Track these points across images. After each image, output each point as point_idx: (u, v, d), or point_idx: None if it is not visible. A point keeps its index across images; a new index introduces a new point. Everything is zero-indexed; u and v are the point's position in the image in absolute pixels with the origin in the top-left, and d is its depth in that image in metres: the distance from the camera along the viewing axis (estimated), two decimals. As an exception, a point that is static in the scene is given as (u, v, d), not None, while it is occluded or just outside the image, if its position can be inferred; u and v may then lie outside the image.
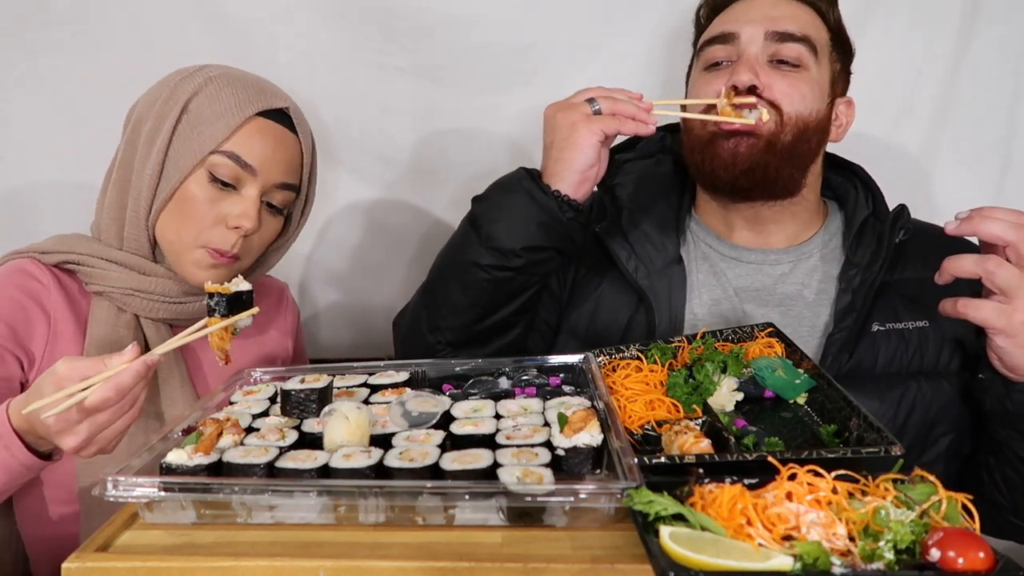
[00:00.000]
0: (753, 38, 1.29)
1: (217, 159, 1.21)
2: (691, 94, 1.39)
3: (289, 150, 1.28)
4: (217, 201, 1.23)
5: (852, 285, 1.29)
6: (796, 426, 1.02)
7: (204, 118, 1.22)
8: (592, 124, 1.20)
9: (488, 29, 1.81)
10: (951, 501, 0.73)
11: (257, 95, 1.25)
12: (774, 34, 1.28)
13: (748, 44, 1.29)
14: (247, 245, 1.27)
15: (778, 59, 1.28)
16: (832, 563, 0.67)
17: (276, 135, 1.26)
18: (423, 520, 0.82)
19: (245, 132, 1.23)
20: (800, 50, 1.28)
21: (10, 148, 1.84)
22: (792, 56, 1.28)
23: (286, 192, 1.29)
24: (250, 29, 1.79)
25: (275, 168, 1.25)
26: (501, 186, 1.34)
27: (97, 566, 0.78)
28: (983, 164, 1.84)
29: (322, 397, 1.00)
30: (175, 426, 1.00)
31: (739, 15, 1.33)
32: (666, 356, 1.16)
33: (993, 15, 1.77)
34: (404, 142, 1.89)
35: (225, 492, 0.82)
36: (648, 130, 1.21)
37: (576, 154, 1.22)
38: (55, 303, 1.23)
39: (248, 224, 1.22)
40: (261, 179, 1.24)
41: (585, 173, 1.23)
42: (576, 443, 0.86)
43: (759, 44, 1.28)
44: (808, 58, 1.29)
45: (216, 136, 1.21)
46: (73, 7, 1.77)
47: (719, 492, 0.74)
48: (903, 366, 1.26)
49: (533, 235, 1.23)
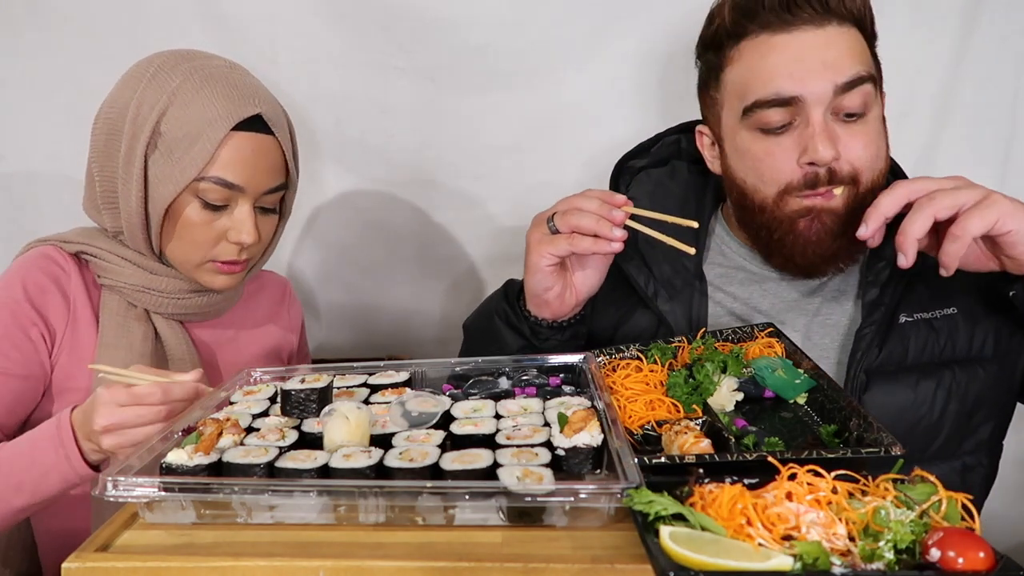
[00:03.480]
0: (819, 98, 1.11)
1: (204, 185, 1.23)
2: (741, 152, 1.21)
3: (271, 154, 1.28)
4: (212, 221, 1.26)
5: (880, 279, 1.24)
6: (796, 426, 1.02)
7: (178, 143, 1.21)
8: (542, 246, 1.14)
9: (488, 29, 1.81)
10: (951, 501, 0.73)
11: (227, 106, 1.21)
12: (840, 87, 1.11)
13: (814, 106, 1.12)
14: (255, 247, 1.32)
15: (845, 112, 1.13)
16: (832, 563, 0.67)
17: (255, 146, 1.25)
18: (423, 520, 0.82)
19: (225, 152, 1.22)
20: (866, 92, 1.13)
21: (10, 148, 1.85)
22: (858, 105, 1.13)
23: (276, 193, 1.32)
24: (250, 29, 1.79)
25: (261, 178, 1.27)
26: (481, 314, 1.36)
27: (97, 566, 0.78)
28: (983, 164, 1.84)
29: (322, 397, 1.00)
30: (175, 426, 1.00)
31: (792, 63, 1.12)
32: (666, 356, 1.16)
33: (993, 15, 1.77)
34: (404, 142, 1.89)
35: (225, 492, 0.82)
36: (611, 248, 1.10)
37: (530, 276, 1.19)
38: (75, 289, 1.29)
39: (248, 239, 1.27)
40: (250, 192, 1.27)
41: (542, 296, 1.20)
42: (576, 443, 0.86)
43: (826, 103, 1.12)
44: (872, 96, 1.14)
45: (196, 162, 1.21)
46: (73, 7, 1.78)
47: (719, 492, 0.74)
48: (935, 355, 1.22)
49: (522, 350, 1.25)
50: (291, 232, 1.94)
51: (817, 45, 1.12)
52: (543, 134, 1.89)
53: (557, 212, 1.15)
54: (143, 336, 1.30)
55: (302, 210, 1.93)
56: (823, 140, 1.11)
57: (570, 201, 1.15)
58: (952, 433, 1.20)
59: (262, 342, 1.49)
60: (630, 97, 1.83)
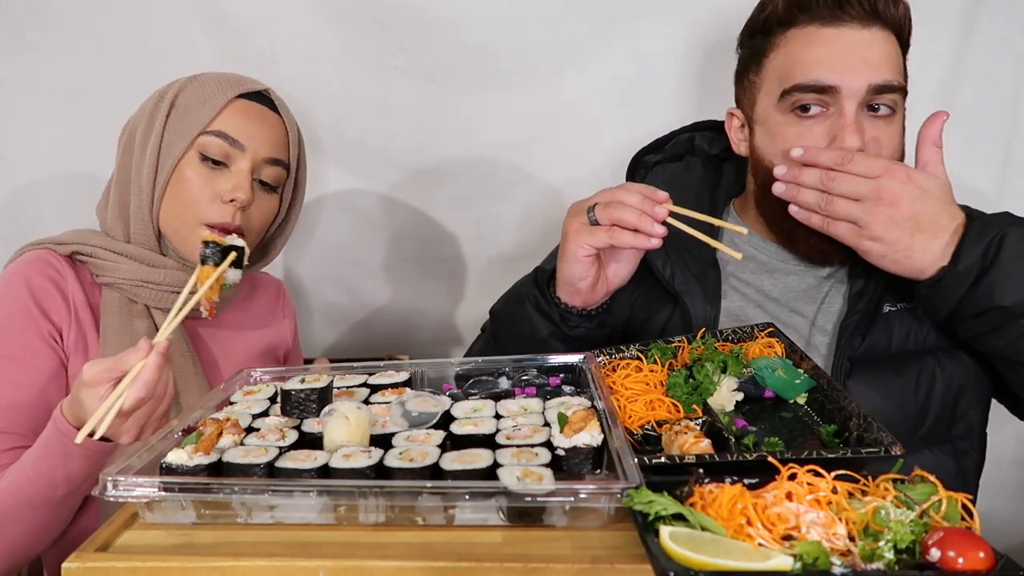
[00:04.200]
0: (855, 92, 1.17)
1: (206, 139, 1.29)
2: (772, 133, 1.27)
3: (274, 128, 1.35)
4: (211, 180, 1.29)
5: (866, 270, 1.25)
6: (796, 426, 1.02)
7: (191, 107, 1.31)
8: (581, 237, 1.16)
9: (488, 29, 1.81)
10: (951, 501, 0.73)
11: (237, 81, 1.34)
12: (875, 88, 1.18)
13: (848, 99, 1.18)
14: (247, 220, 1.32)
15: (874, 108, 1.21)
16: (832, 563, 0.67)
17: (259, 113, 1.34)
18: (423, 520, 0.82)
19: (229, 112, 1.31)
20: (895, 99, 1.21)
21: (10, 148, 1.85)
22: (889, 105, 1.21)
23: (276, 168, 1.35)
24: (250, 29, 1.79)
25: (262, 143, 1.32)
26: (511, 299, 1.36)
27: (97, 566, 0.78)
28: (983, 164, 1.84)
29: (322, 397, 1.00)
30: (175, 426, 1.00)
31: (836, 57, 1.18)
32: (666, 356, 1.16)
33: (993, 15, 1.77)
34: (404, 142, 1.90)
35: (225, 492, 0.82)
36: (651, 244, 1.12)
37: (565, 265, 1.21)
38: (73, 290, 1.30)
39: (242, 195, 1.28)
40: (250, 154, 1.30)
41: (575, 285, 1.21)
42: (576, 443, 0.86)
43: (860, 98, 1.18)
44: (900, 102, 1.22)
45: (203, 119, 1.29)
46: (74, 8, 1.78)
47: (719, 492, 0.74)
48: (918, 343, 1.24)
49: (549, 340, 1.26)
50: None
51: (861, 43, 1.18)
52: (543, 134, 1.89)
53: (599, 203, 1.16)
54: (145, 334, 1.27)
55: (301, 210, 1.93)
56: (852, 130, 1.17)
57: (612, 193, 1.15)
58: (940, 417, 1.22)
59: (259, 342, 1.51)
60: (630, 97, 1.83)
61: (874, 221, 1.10)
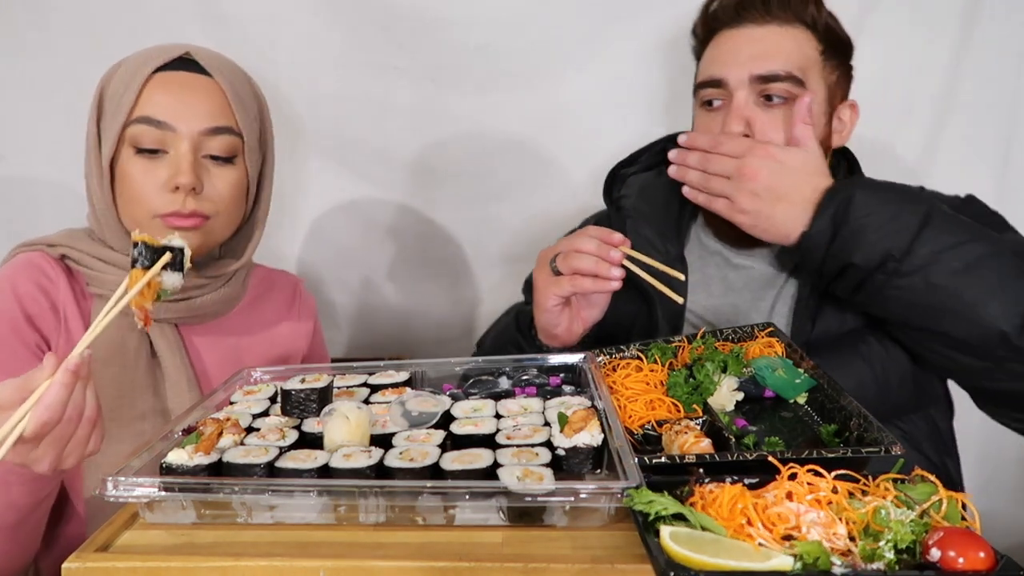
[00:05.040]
0: (740, 83, 1.28)
1: (133, 129, 1.18)
2: (694, 127, 1.39)
3: (206, 94, 1.21)
4: (151, 170, 1.18)
5: None
6: (796, 426, 1.02)
7: (115, 96, 1.20)
8: (548, 288, 1.24)
9: (488, 29, 1.81)
10: (951, 501, 0.73)
11: (155, 53, 1.21)
12: (759, 77, 1.27)
13: (736, 89, 1.28)
14: (206, 203, 1.21)
15: (766, 95, 1.28)
16: (832, 563, 0.67)
17: (184, 83, 1.20)
18: (423, 520, 0.82)
19: (148, 92, 1.18)
20: (787, 88, 1.27)
21: (10, 148, 1.85)
22: (780, 93, 1.27)
23: (223, 137, 1.21)
24: (250, 29, 1.79)
25: (193, 115, 1.19)
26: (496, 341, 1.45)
27: (97, 566, 0.78)
28: (983, 164, 1.84)
29: (322, 397, 1.00)
30: (175, 426, 1.00)
31: (727, 54, 1.31)
32: (666, 356, 1.16)
33: (993, 15, 1.77)
34: (404, 142, 1.89)
35: (225, 492, 0.82)
36: (610, 287, 1.19)
37: (538, 314, 1.29)
38: (64, 298, 1.22)
39: (183, 179, 1.16)
40: (184, 131, 1.18)
41: (551, 331, 1.29)
42: (576, 443, 0.86)
43: (746, 88, 1.28)
44: (796, 90, 1.27)
45: (124, 108, 1.18)
46: (73, 7, 1.78)
47: (719, 492, 0.74)
48: (870, 319, 1.26)
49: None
50: (290, 232, 1.93)
51: (752, 40, 1.30)
52: (543, 134, 1.89)
53: (559, 254, 1.23)
54: (137, 347, 1.22)
55: (302, 210, 1.93)
56: (734, 117, 1.28)
57: (571, 242, 1.23)
58: (901, 389, 1.23)
59: (267, 350, 1.40)
60: (630, 97, 1.83)
61: (739, 195, 1.20)
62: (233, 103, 1.22)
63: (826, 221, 1.15)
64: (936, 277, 1.09)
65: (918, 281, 1.10)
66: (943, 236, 1.10)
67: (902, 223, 1.11)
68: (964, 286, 1.08)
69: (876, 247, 1.11)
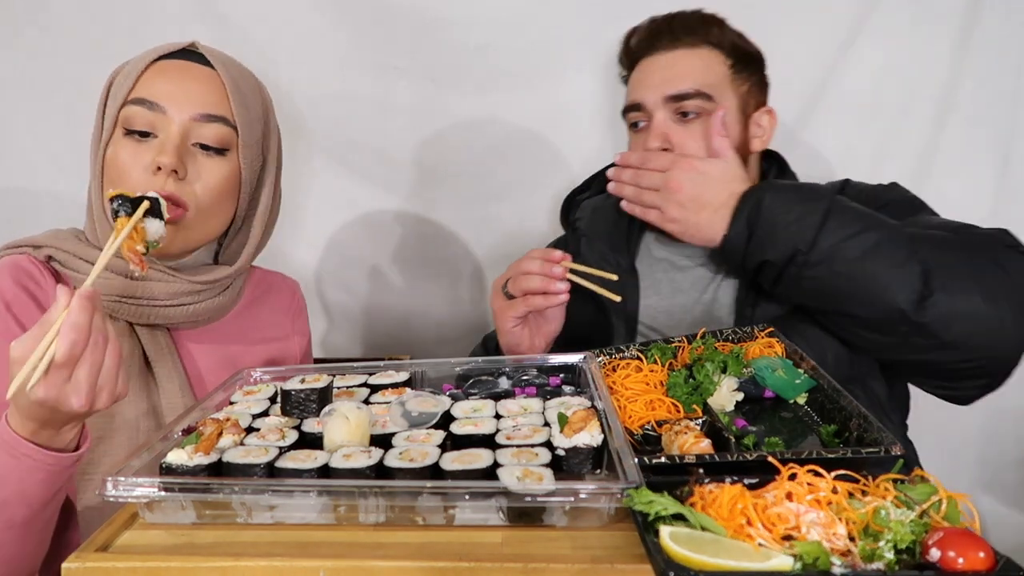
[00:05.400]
0: (656, 104, 1.41)
1: (127, 111, 1.17)
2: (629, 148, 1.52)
3: (203, 82, 1.20)
4: (138, 152, 1.17)
5: None
6: (796, 426, 1.02)
7: (117, 87, 1.20)
8: (504, 312, 1.34)
9: (487, 29, 1.81)
10: (951, 501, 0.73)
11: (163, 45, 1.21)
12: (671, 97, 1.39)
13: (654, 110, 1.41)
14: (188, 191, 1.18)
15: (682, 112, 1.40)
16: (832, 563, 0.67)
17: (181, 69, 1.20)
18: (423, 520, 0.82)
19: (146, 76, 1.18)
20: (698, 104, 1.39)
21: (10, 148, 1.85)
22: (693, 109, 1.39)
23: (214, 126, 1.19)
24: (250, 30, 1.79)
25: (187, 100, 1.17)
26: None
27: (97, 566, 0.78)
28: (983, 164, 1.84)
29: (322, 397, 1.00)
30: (175, 426, 1.00)
31: (643, 80, 1.44)
32: (666, 356, 1.16)
33: (993, 15, 1.77)
34: (404, 142, 1.90)
35: (225, 492, 0.82)
36: (558, 300, 1.29)
37: (501, 337, 1.40)
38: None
39: (165, 159, 1.14)
40: (175, 115, 1.17)
41: (515, 351, 1.38)
42: (576, 443, 0.86)
43: (662, 108, 1.40)
44: (708, 105, 1.39)
45: (123, 93, 1.18)
46: (74, 8, 1.78)
47: (719, 492, 0.74)
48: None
49: None
50: (290, 232, 1.93)
51: (663, 65, 1.43)
52: (543, 134, 1.89)
53: (509, 279, 1.33)
54: (129, 354, 1.18)
55: (301, 209, 1.93)
56: (654, 135, 1.41)
57: (517, 267, 1.33)
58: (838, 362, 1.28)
59: (261, 354, 1.37)
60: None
61: (668, 205, 1.31)
62: (232, 96, 1.21)
63: (742, 224, 1.25)
64: (839, 266, 1.19)
65: (824, 271, 1.20)
66: (842, 228, 1.20)
67: (806, 220, 1.21)
68: (863, 272, 1.18)
69: (786, 244, 1.21)
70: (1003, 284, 1.16)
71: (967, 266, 1.16)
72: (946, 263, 1.16)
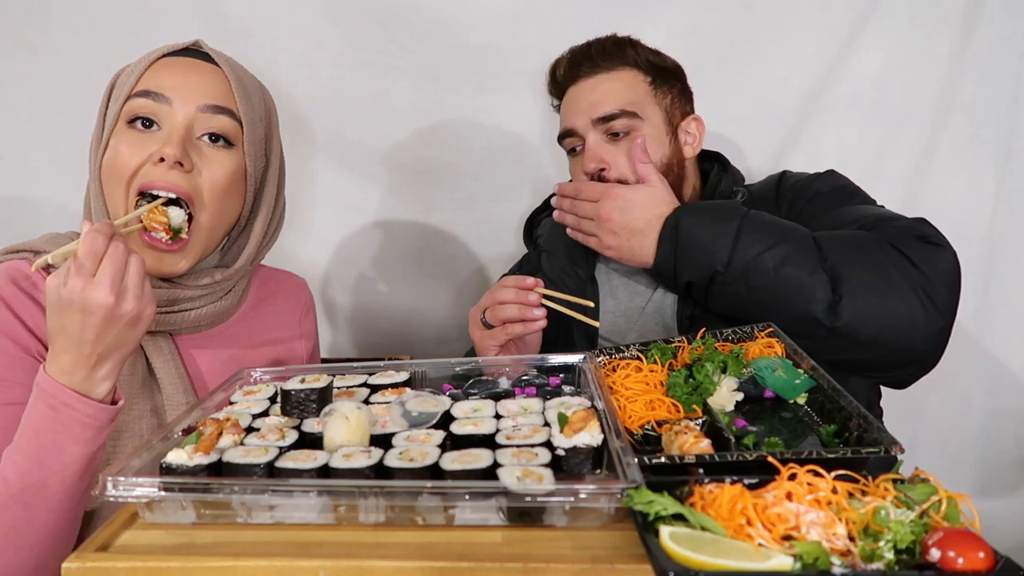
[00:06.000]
0: (586, 128, 1.48)
1: (130, 104, 1.17)
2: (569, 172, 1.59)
3: (209, 76, 1.20)
4: (141, 143, 1.16)
5: None
6: (796, 426, 1.02)
7: (120, 85, 1.21)
8: (485, 342, 1.37)
9: (488, 29, 1.81)
10: (951, 501, 0.73)
11: (166, 45, 1.22)
12: (599, 120, 1.46)
13: (585, 134, 1.48)
14: (194, 184, 1.17)
15: (612, 132, 1.46)
16: (832, 563, 0.67)
17: (186, 64, 1.21)
18: (423, 520, 0.82)
19: (151, 72, 1.19)
20: (625, 122, 1.46)
21: (10, 148, 1.85)
22: (622, 128, 1.46)
23: (221, 117, 1.19)
24: (250, 30, 1.79)
25: (192, 92, 1.18)
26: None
27: (97, 566, 0.78)
28: (983, 164, 1.84)
29: (322, 397, 1.00)
30: (175, 426, 1.00)
31: (572, 107, 1.52)
32: (666, 356, 1.16)
33: (993, 15, 1.77)
34: (404, 142, 1.90)
35: (225, 492, 0.82)
36: (536, 327, 1.32)
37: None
38: None
39: (170, 150, 1.13)
40: (180, 106, 1.16)
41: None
42: (576, 443, 0.86)
43: (592, 131, 1.47)
44: (634, 122, 1.46)
45: (126, 89, 1.18)
46: (74, 8, 1.78)
47: (719, 492, 0.74)
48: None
49: None
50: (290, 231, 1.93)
51: (586, 90, 1.50)
52: (543, 134, 1.90)
53: (487, 309, 1.36)
54: (132, 362, 1.19)
55: (301, 210, 1.93)
56: (589, 157, 1.48)
57: (492, 297, 1.36)
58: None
59: (267, 356, 1.36)
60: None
61: (602, 234, 1.38)
62: (236, 91, 1.21)
63: (667, 248, 1.32)
64: (754, 280, 1.26)
65: (742, 286, 1.27)
66: (754, 244, 1.26)
67: (721, 240, 1.27)
68: (776, 284, 1.24)
69: (705, 264, 1.29)
70: (910, 277, 1.21)
71: (874, 266, 1.22)
72: (853, 266, 1.22)
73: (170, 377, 1.21)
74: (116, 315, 0.97)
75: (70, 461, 0.99)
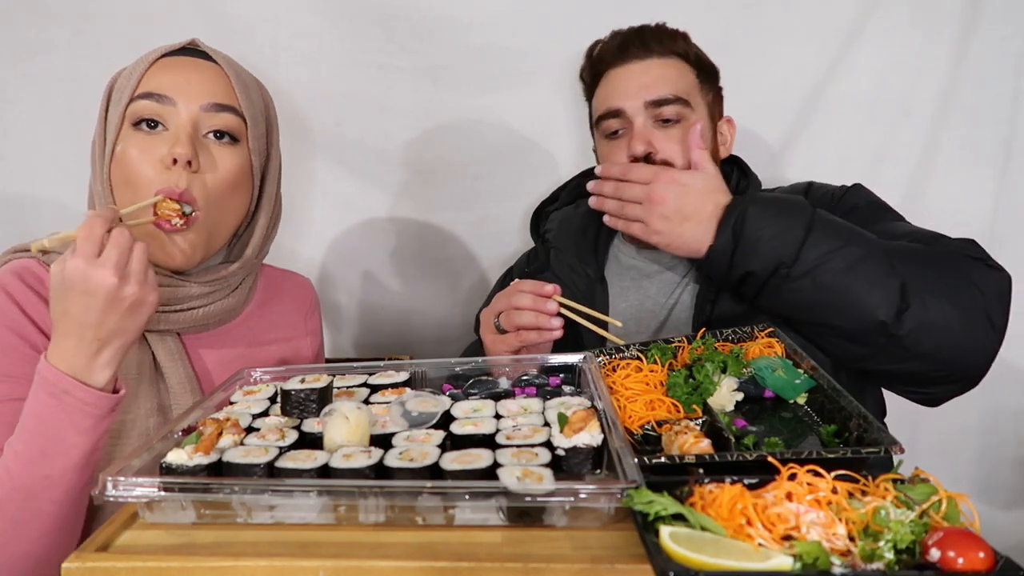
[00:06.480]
0: (636, 110, 1.43)
1: (134, 106, 1.18)
2: (600, 156, 1.53)
3: (209, 74, 1.21)
4: (149, 145, 1.17)
5: None
6: (796, 426, 1.02)
7: (120, 87, 1.21)
8: (498, 346, 1.35)
9: (488, 29, 1.81)
10: (951, 501, 0.73)
11: (163, 46, 1.23)
12: (652, 103, 1.42)
13: (634, 116, 1.43)
14: (202, 184, 1.18)
15: (662, 119, 1.43)
16: (832, 563, 0.67)
17: (186, 63, 1.21)
18: (423, 520, 0.82)
19: (151, 73, 1.20)
20: (677, 109, 1.43)
21: (10, 148, 1.85)
22: (672, 115, 1.43)
23: (225, 115, 1.20)
24: (250, 30, 1.79)
25: (195, 91, 1.19)
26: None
27: (97, 566, 0.78)
28: (983, 164, 1.84)
29: (322, 397, 1.00)
30: (175, 426, 1.00)
31: (619, 87, 1.47)
32: (666, 356, 1.16)
33: (993, 15, 1.77)
34: (404, 142, 1.90)
35: (225, 492, 0.82)
36: (552, 336, 1.28)
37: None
38: None
39: (181, 150, 1.14)
40: (184, 105, 1.18)
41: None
42: (576, 443, 0.86)
43: (642, 114, 1.43)
44: (685, 111, 1.44)
45: (128, 91, 1.19)
46: (72, 7, 1.78)
47: (719, 492, 0.74)
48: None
49: None
50: (290, 231, 1.93)
51: (638, 72, 1.46)
52: (543, 134, 1.90)
53: (501, 313, 1.33)
54: (139, 362, 1.20)
55: (301, 210, 1.93)
56: (638, 140, 1.42)
57: (507, 301, 1.32)
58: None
59: (273, 355, 1.37)
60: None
61: (651, 218, 1.31)
62: (237, 88, 1.22)
63: (727, 235, 1.26)
64: (822, 278, 1.22)
65: (808, 283, 1.23)
66: (825, 242, 1.23)
67: (790, 234, 1.23)
68: (846, 285, 1.21)
69: (770, 256, 1.23)
70: (973, 297, 1.20)
71: (940, 280, 1.20)
72: (921, 277, 1.20)
73: (177, 376, 1.21)
74: (118, 297, 0.98)
75: (72, 451, 0.99)
